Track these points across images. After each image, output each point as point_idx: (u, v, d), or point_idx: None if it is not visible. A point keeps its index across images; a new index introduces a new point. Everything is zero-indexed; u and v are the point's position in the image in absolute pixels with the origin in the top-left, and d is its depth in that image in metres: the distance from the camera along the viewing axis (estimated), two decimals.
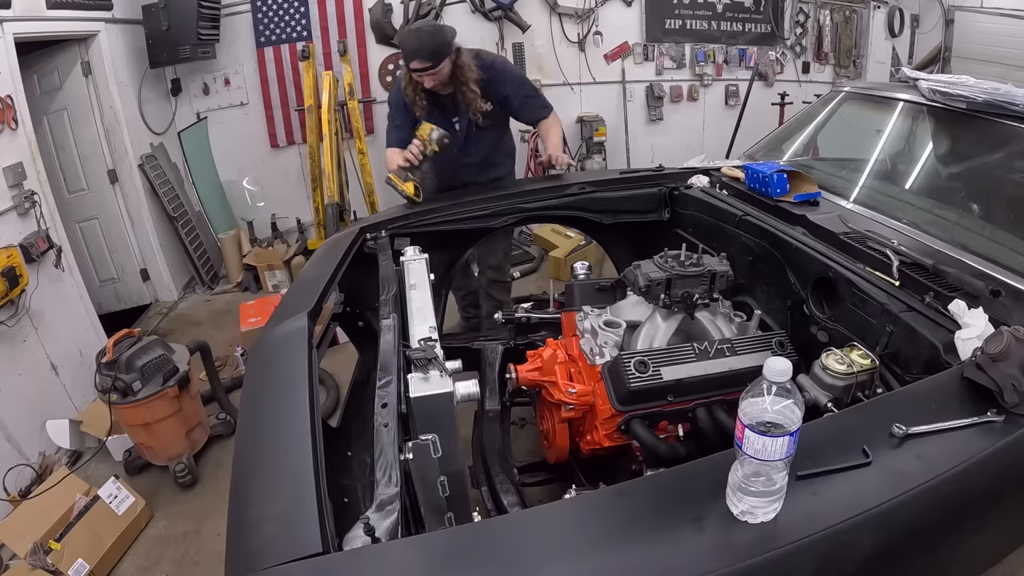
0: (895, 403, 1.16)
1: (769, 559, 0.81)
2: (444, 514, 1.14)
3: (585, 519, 0.95)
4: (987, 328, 1.22)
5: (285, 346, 1.42)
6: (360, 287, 2.00)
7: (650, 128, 5.50)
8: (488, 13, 4.78)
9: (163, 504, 2.47)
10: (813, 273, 1.69)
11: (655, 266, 1.72)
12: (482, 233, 2.32)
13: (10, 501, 2.36)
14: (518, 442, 2.42)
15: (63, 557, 2.05)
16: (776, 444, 0.80)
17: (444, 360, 1.14)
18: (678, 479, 0.99)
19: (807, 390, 1.39)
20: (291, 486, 0.99)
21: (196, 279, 4.59)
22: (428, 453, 1.05)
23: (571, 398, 1.66)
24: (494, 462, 1.76)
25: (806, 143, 2.55)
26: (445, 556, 0.85)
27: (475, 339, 2.27)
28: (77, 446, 2.78)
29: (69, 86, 3.77)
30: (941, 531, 1.00)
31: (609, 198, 2.34)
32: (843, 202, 1.98)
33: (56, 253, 2.93)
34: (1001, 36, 5.02)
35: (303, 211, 4.92)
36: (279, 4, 4.56)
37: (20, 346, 2.68)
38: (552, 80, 5.11)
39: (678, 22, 5.23)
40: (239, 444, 1.24)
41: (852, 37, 5.78)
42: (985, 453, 0.98)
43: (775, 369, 0.80)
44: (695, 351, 1.59)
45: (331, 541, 0.87)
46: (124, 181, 4.02)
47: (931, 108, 2.02)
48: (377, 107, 4.93)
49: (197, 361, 2.74)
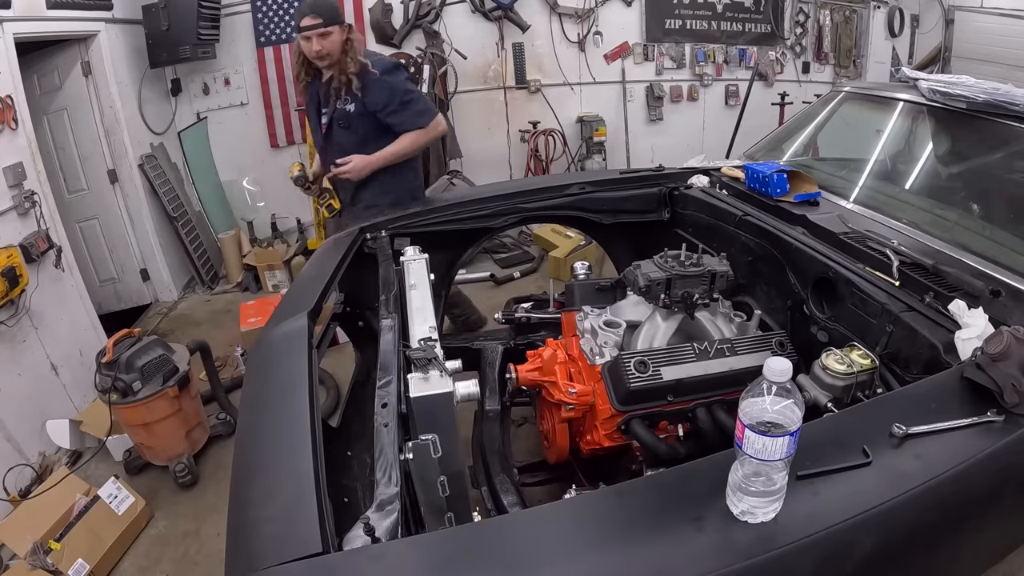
0: (895, 403, 1.16)
1: (769, 559, 0.81)
2: (444, 514, 1.14)
3: (585, 519, 0.95)
4: (987, 328, 1.22)
5: (285, 346, 1.42)
6: (360, 287, 2.00)
7: (650, 128, 5.50)
8: (488, 13, 4.78)
9: (163, 504, 2.47)
10: (813, 273, 1.69)
11: (655, 266, 1.72)
12: (482, 233, 2.32)
13: (10, 501, 2.36)
14: (518, 442, 2.42)
15: (63, 557, 2.05)
16: (776, 444, 0.80)
17: (444, 360, 1.14)
18: (678, 479, 0.99)
19: (807, 390, 1.39)
20: (291, 486, 0.99)
21: (196, 279, 4.59)
22: (428, 453, 1.05)
23: (571, 398, 1.66)
24: (494, 462, 1.77)
25: (806, 143, 2.55)
26: (445, 556, 0.85)
27: (475, 339, 2.28)
28: (77, 446, 2.78)
29: (69, 86, 3.77)
30: (941, 531, 1.00)
31: (609, 198, 2.34)
32: (843, 202, 1.98)
33: (56, 253, 2.92)
34: (1001, 36, 5.02)
35: (303, 211, 4.92)
36: (279, 4, 4.56)
37: (20, 346, 2.68)
38: (552, 80, 5.12)
39: (678, 22, 5.24)
40: (239, 444, 1.24)
41: (852, 37, 5.78)
42: (985, 453, 0.98)
43: (775, 369, 0.80)
44: (695, 351, 1.59)
45: (331, 541, 0.87)
46: (124, 181, 4.02)
47: (931, 108, 2.02)
48: None
49: (197, 361, 2.74)
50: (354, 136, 2.42)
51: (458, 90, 4.86)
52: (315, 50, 2.29)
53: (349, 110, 2.38)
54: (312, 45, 2.28)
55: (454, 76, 4.79)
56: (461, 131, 4.96)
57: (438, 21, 4.76)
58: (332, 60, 2.33)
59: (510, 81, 5.05)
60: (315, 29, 2.25)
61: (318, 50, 2.29)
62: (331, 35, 2.27)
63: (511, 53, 4.95)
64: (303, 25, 2.26)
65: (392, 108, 2.36)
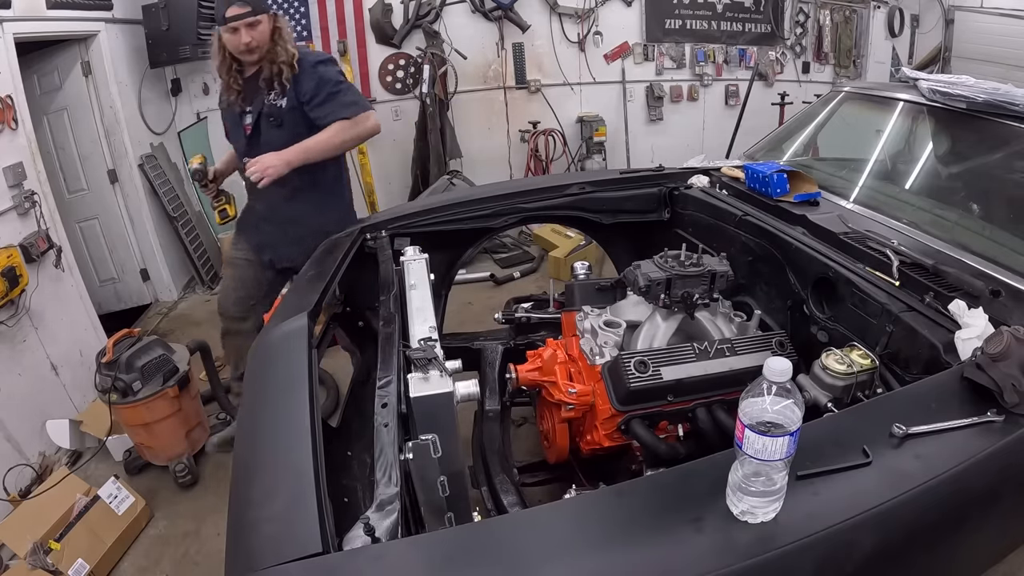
0: (895, 403, 1.16)
1: (769, 559, 0.81)
2: (444, 514, 1.14)
3: (585, 519, 0.95)
4: (987, 328, 1.22)
5: (285, 346, 1.42)
6: (360, 287, 2.00)
7: (650, 128, 5.51)
8: (488, 13, 4.78)
9: (163, 504, 2.47)
10: (813, 273, 1.69)
11: (655, 266, 1.72)
12: (482, 233, 2.32)
13: (10, 501, 2.36)
14: (518, 442, 2.42)
15: (63, 557, 2.05)
16: (776, 444, 0.80)
17: (444, 360, 1.14)
18: (678, 479, 0.99)
19: (807, 390, 1.39)
20: (291, 486, 0.99)
21: (196, 279, 4.59)
22: (428, 453, 1.05)
23: (571, 398, 1.66)
24: (494, 462, 1.77)
25: (806, 143, 2.55)
26: (445, 556, 0.85)
27: (475, 339, 2.28)
28: (77, 446, 2.78)
29: (69, 86, 3.77)
30: (941, 531, 1.00)
31: (609, 198, 2.34)
32: (843, 202, 1.98)
33: (56, 253, 2.92)
34: (1001, 36, 5.02)
35: None
36: (279, 4, 4.56)
37: (20, 346, 2.68)
38: (552, 80, 5.12)
39: (678, 22, 5.24)
40: (239, 444, 1.24)
41: (852, 37, 5.78)
42: (985, 453, 0.98)
43: (775, 369, 0.80)
44: (695, 351, 1.59)
45: (331, 541, 0.87)
46: (124, 181, 4.02)
47: (931, 108, 2.03)
48: (377, 107, 4.92)
49: (197, 361, 2.74)
50: (287, 134, 2.15)
51: (458, 90, 4.86)
52: (244, 43, 2.06)
53: (280, 105, 2.14)
54: (240, 37, 2.05)
55: (454, 76, 4.80)
56: (461, 131, 4.96)
57: (438, 21, 4.76)
58: (261, 54, 2.11)
59: (510, 81, 5.06)
60: (243, 19, 2.03)
61: (247, 42, 2.06)
62: (260, 24, 2.06)
63: (511, 53, 4.96)
64: (229, 15, 2.02)
65: (319, 99, 2.12)
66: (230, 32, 2.05)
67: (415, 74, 4.84)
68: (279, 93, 2.13)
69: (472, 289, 4.20)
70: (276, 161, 2.05)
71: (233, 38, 2.06)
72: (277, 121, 2.16)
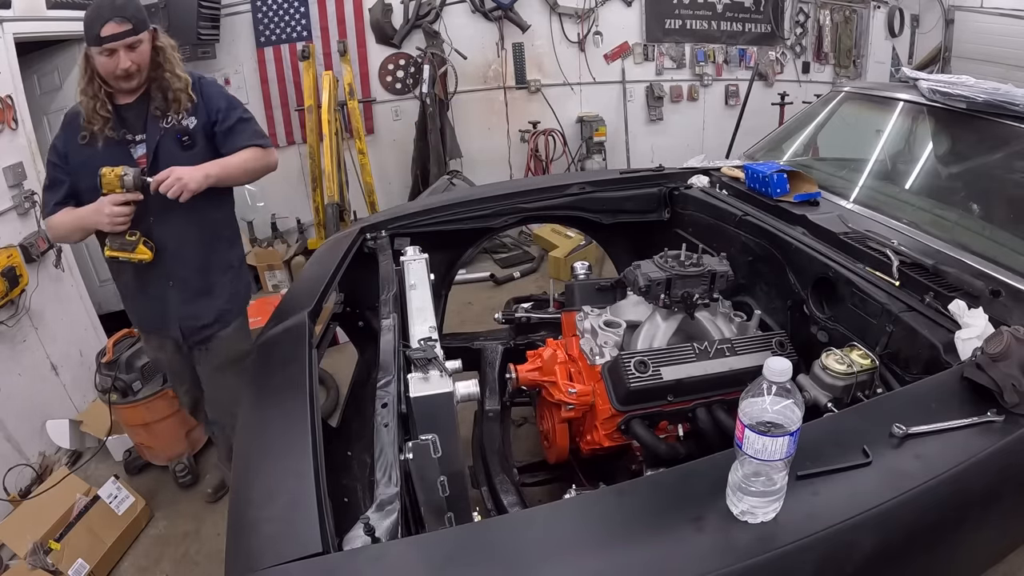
0: (895, 403, 1.16)
1: (769, 559, 0.81)
2: (444, 514, 1.14)
3: (585, 519, 0.95)
4: (987, 328, 1.22)
5: (285, 346, 1.42)
6: (360, 287, 2.00)
7: (650, 128, 5.51)
8: (488, 13, 4.78)
9: (163, 504, 2.47)
10: (813, 273, 1.69)
11: (655, 266, 1.72)
12: (482, 233, 2.32)
13: (10, 501, 2.36)
14: (518, 442, 2.42)
15: (63, 557, 2.05)
16: (776, 444, 0.80)
17: (444, 360, 1.14)
18: (678, 479, 0.99)
19: (807, 390, 1.39)
20: (291, 486, 0.99)
21: None
22: (428, 453, 1.05)
23: (571, 398, 1.66)
24: (494, 462, 1.77)
25: (806, 143, 2.55)
26: (445, 556, 0.85)
27: (475, 339, 2.28)
28: (77, 446, 2.78)
29: (69, 86, 3.76)
30: (941, 531, 1.00)
31: (609, 198, 2.34)
32: (843, 202, 1.98)
33: (56, 253, 2.92)
34: (1001, 36, 5.02)
35: (303, 211, 4.92)
36: (279, 4, 4.56)
37: (20, 346, 2.68)
38: (552, 80, 5.12)
39: (678, 22, 5.24)
40: (239, 444, 1.24)
41: (852, 37, 5.79)
42: (985, 453, 0.98)
43: (775, 369, 0.80)
44: (695, 351, 1.59)
45: (331, 541, 0.87)
46: None
47: (931, 108, 2.03)
48: (377, 107, 4.94)
49: None
50: (199, 156, 1.81)
51: (458, 90, 4.86)
52: (123, 67, 1.66)
53: (189, 125, 1.80)
54: (119, 62, 1.65)
55: (454, 76, 4.80)
56: (461, 131, 4.96)
57: (438, 21, 4.76)
58: (140, 80, 1.74)
59: (510, 81, 5.06)
60: (123, 39, 1.63)
61: (126, 67, 1.66)
62: (141, 44, 1.69)
63: (511, 53, 4.96)
64: (105, 34, 1.61)
65: (231, 122, 1.84)
66: (105, 54, 1.65)
67: (415, 74, 4.84)
68: (188, 111, 1.81)
69: (472, 289, 4.20)
70: (193, 172, 1.71)
71: (109, 62, 1.65)
72: (190, 142, 1.81)
